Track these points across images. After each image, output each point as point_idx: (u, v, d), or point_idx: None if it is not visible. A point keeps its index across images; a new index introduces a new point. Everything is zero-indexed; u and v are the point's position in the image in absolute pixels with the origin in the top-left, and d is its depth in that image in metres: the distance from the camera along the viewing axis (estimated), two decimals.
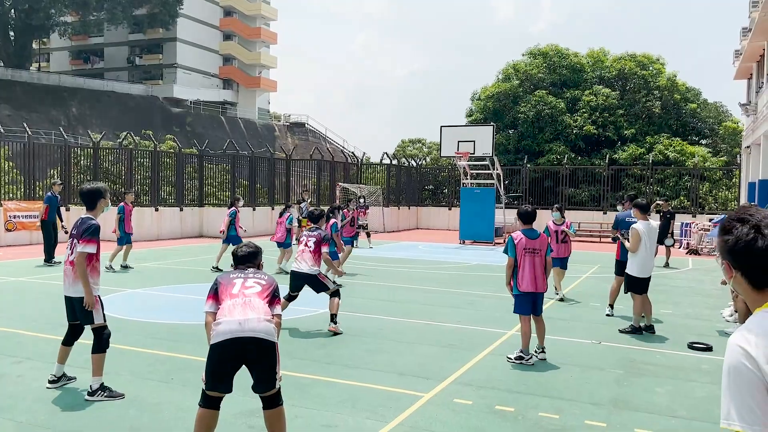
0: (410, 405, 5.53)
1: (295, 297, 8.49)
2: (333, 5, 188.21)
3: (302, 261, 8.31)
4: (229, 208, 15.07)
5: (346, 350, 7.43)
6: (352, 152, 39.69)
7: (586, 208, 30.58)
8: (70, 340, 5.77)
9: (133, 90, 57.92)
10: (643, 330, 8.63)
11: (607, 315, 9.83)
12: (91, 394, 5.46)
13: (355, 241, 16.75)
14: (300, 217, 22.85)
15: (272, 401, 4.20)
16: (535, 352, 7.11)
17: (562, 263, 11.20)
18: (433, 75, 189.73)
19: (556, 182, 32.04)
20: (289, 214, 14.59)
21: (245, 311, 4.11)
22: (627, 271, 8.70)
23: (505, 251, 7.09)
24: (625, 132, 35.01)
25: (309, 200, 23.35)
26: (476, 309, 10.31)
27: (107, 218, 13.00)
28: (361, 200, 22.67)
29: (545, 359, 7.08)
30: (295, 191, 28.46)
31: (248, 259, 4.60)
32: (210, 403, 4.17)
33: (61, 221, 15.31)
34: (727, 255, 1.92)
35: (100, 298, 5.63)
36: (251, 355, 4.08)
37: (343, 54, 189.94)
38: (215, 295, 4.34)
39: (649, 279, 8.74)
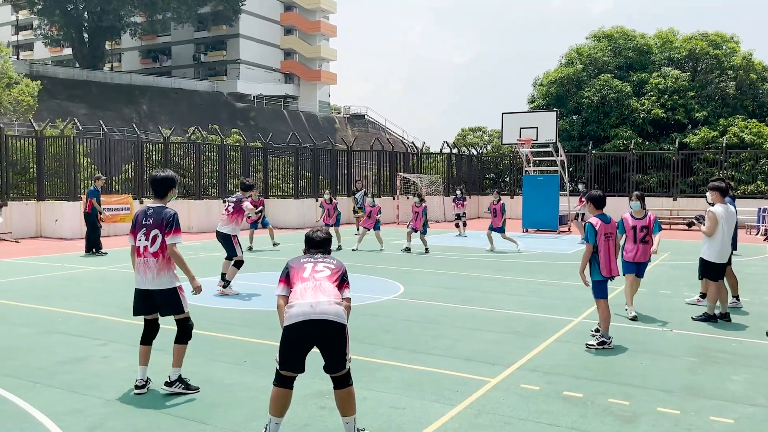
0: (477, 389, 5.56)
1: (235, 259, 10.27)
2: None
3: (221, 222, 10.46)
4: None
5: (411, 336, 7.52)
6: (412, 142, 39.61)
7: (655, 195, 29.58)
8: (148, 338, 5.54)
9: (199, 86, 59.73)
10: (717, 318, 8.34)
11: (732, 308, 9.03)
12: (170, 384, 5.40)
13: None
14: (356, 207, 23.13)
15: (342, 381, 4.33)
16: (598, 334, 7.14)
17: (639, 270, 8.52)
18: (493, 61, 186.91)
19: (623, 168, 31.10)
20: (425, 204, 16.83)
21: (316, 294, 4.24)
22: (703, 256, 8.42)
23: (586, 238, 7.00)
24: (697, 115, 33.55)
25: (364, 190, 23.60)
26: (541, 297, 10.19)
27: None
28: (458, 192, 23.47)
29: None
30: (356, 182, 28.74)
31: (322, 245, 4.72)
32: (284, 382, 4.33)
33: (100, 214, 16.06)
34: None
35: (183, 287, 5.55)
36: (322, 337, 4.21)
37: (400, 43, 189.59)
38: (287, 278, 4.48)
39: (725, 265, 8.44)
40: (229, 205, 10.53)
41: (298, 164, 27.31)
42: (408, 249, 16.51)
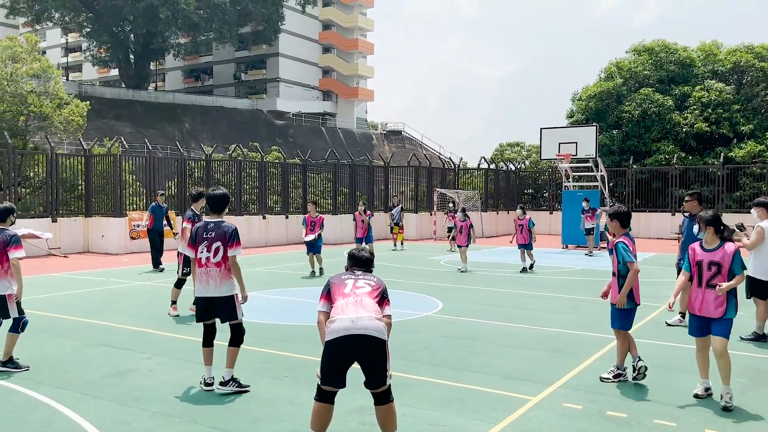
0: (518, 408, 5.51)
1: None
2: (426, 11, 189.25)
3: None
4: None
5: (450, 352, 7.50)
6: (449, 158, 39.63)
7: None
8: (210, 340, 6.00)
9: (239, 105, 60.96)
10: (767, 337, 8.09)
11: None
12: (224, 384, 5.83)
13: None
14: (391, 224, 23.09)
15: (383, 397, 4.36)
16: (634, 364, 6.21)
17: (710, 328, 5.67)
18: (530, 76, 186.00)
19: (665, 183, 30.48)
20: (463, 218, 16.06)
21: (357, 310, 4.30)
22: (750, 273, 8.18)
23: (628, 258, 6.07)
24: (742, 128, 32.72)
25: (401, 206, 23.63)
26: (580, 314, 10.05)
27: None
28: (450, 205, 23.10)
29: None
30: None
31: (365, 264, 4.80)
32: (325, 397, 4.38)
33: (171, 228, 16.14)
34: None
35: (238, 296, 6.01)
36: (363, 352, 4.26)
37: (437, 59, 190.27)
38: (328, 294, 4.56)
39: None
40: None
41: (336, 180, 27.58)
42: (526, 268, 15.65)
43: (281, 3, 57.61)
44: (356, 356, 4.30)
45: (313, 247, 14.62)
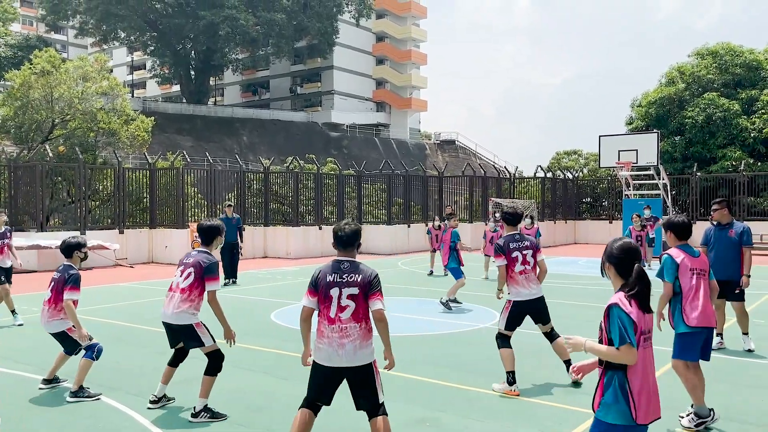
0: (583, 421, 5.38)
1: None
2: (479, 19, 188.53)
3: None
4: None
5: None
6: (504, 167, 39.21)
7: None
8: (174, 362, 5.93)
9: (295, 117, 62.13)
10: None
11: None
12: (195, 415, 5.49)
13: None
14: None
15: (375, 413, 4.28)
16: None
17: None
18: (587, 83, 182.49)
19: (732, 191, 29.26)
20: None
21: (342, 341, 4.21)
22: None
23: (660, 275, 5.50)
24: None
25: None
26: None
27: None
28: (497, 215, 22.87)
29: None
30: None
31: (350, 242, 4.43)
32: (311, 406, 4.40)
33: (241, 240, 15.51)
34: None
35: (203, 323, 5.68)
36: (350, 378, 4.28)
37: (492, 67, 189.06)
38: (315, 290, 4.38)
39: None
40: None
41: (391, 191, 27.70)
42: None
43: (336, 17, 58.52)
44: (345, 379, 4.26)
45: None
